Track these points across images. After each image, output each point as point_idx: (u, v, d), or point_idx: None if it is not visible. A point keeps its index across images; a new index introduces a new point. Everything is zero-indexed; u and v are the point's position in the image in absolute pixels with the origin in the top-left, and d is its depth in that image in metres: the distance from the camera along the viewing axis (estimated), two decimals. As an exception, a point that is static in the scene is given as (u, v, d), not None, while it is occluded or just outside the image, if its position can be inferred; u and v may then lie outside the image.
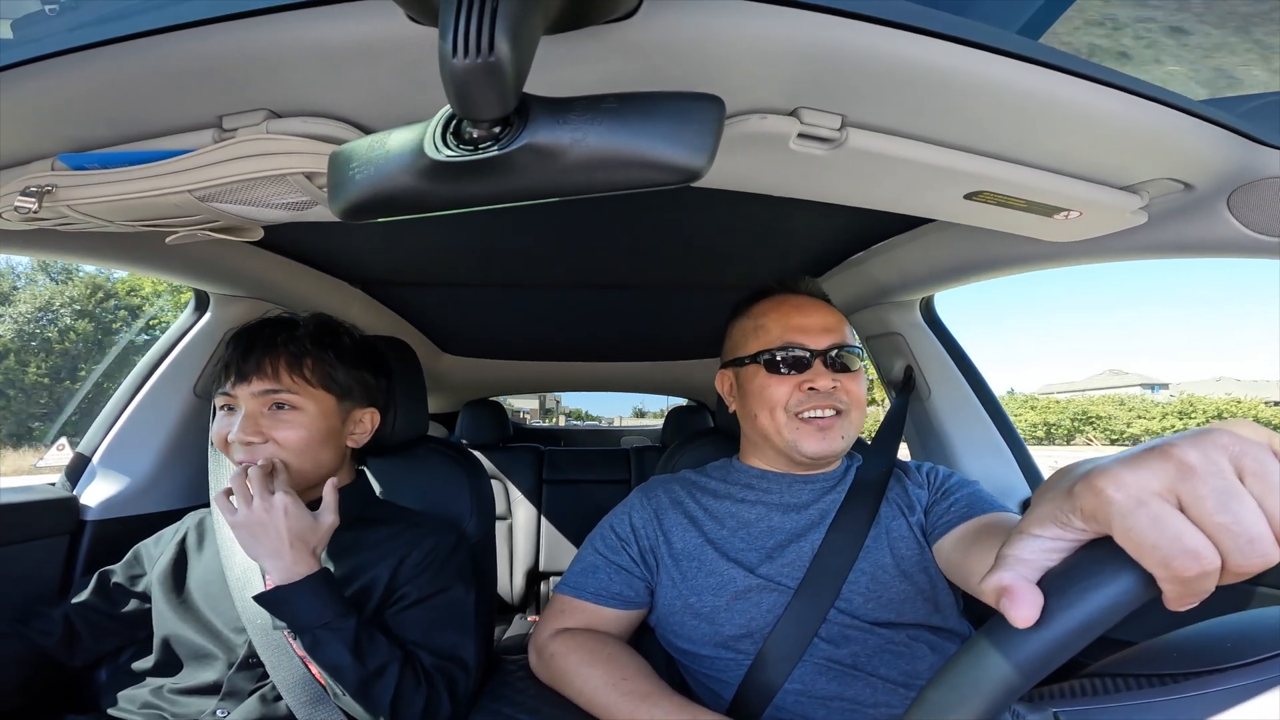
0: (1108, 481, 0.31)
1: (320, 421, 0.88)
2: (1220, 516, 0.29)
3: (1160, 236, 0.77)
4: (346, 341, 0.95)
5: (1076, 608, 0.31)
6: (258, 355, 0.86)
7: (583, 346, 2.22)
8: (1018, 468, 1.29)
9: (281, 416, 0.85)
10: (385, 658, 0.75)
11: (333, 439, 0.91)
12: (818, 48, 0.49)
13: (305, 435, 0.86)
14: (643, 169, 0.37)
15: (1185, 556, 0.29)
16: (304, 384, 0.87)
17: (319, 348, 0.90)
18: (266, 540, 0.75)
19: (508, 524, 2.32)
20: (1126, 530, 0.30)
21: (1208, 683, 0.35)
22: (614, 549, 0.93)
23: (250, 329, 0.90)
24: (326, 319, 0.96)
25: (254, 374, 0.85)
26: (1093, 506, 0.32)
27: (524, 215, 1.06)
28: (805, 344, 0.88)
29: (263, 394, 0.85)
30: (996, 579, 0.34)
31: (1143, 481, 0.31)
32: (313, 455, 0.87)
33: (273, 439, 0.84)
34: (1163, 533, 0.29)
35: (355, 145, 0.44)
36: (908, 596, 0.83)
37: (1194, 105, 0.56)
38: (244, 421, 0.83)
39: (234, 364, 0.86)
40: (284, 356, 0.87)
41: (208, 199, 0.64)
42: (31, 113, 0.57)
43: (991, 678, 0.32)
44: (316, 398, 0.88)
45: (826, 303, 0.96)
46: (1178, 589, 0.30)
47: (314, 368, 0.88)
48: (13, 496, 0.99)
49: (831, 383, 0.87)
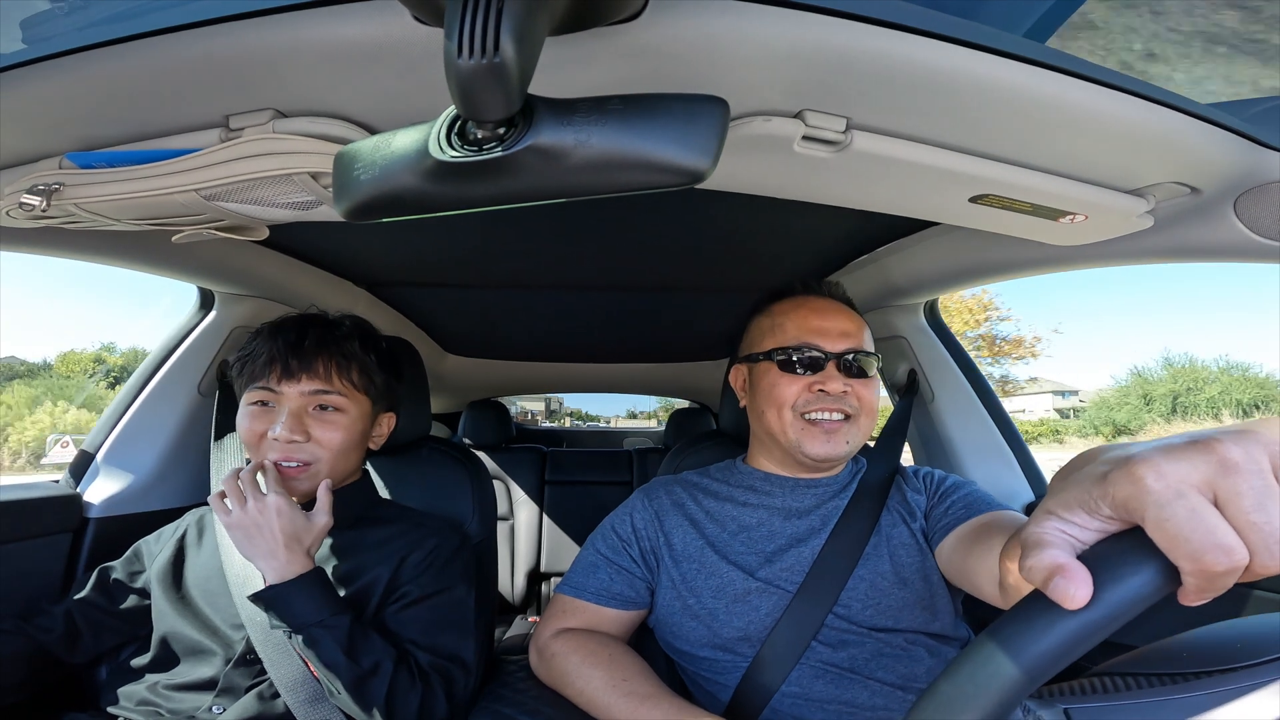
0: (1148, 470, 0.31)
1: (359, 424, 0.89)
2: (1255, 515, 0.29)
3: (1166, 241, 0.77)
4: (383, 345, 0.97)
5: (1112, 592, 0.30)
6: (309, 354, 0.86)
7: (586, 348, 2.22)
8: (1021, 471, 1.28)
9: (326, 418, 0.86)
10: (379, 656, 0.75)
11: (363, 442, 0.92)
12: (822, 50, 0.48)
13: (345, 437, 0.87)
14: (647, 171, 0.37)
15: (1218, 551, 0.29)
16: (350, 387, 0.88)
17: (364, 352, 0.91)
18: (261, 541, 0.75)
19: (509, 524, 2.32)
20: (1162, 521, 0.30)
21: (1219, 681, 0.34)
22: (615, 549, 0.93)
23: (293, 326, 0.90)
24: (364, 322, 0.98)
25: (304, 372, 0.85)
26: (1127, 494, 0.31)
27: (528, 216, 1.06)
28: (820, 345, 0.88)
29: (312, 393, 0.85)
30: (1050, 557, 0.32)
31: (1182, 473, 0.30)
32: (346, 458, 0.89)
33: (315, 439, 0.84)
34: (1197, 526, 0.29)
35: (360, 145, 0.44)
36: (905, 604, 0.82)
37: (1201, 109, 0.56)
38: (290, 420, 0.83)
39: (281, 359, 0.85)
40: (336, 358, 0.87)
41: (214, 198, 0.64)
42: (39, 111, 0.58)
43: (1007, 671, 0.31)
44: (358, 401, 0.89)
45: (849, 307, 0.95)
46: (1201, 583, 0.30)
47: (360, 372, 0.89)
48: (16, 493, 0.99)
49: (843, 387, 0.87)
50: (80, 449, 1.15)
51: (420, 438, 1.15)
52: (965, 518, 0.83)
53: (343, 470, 0.89)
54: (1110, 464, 0.33)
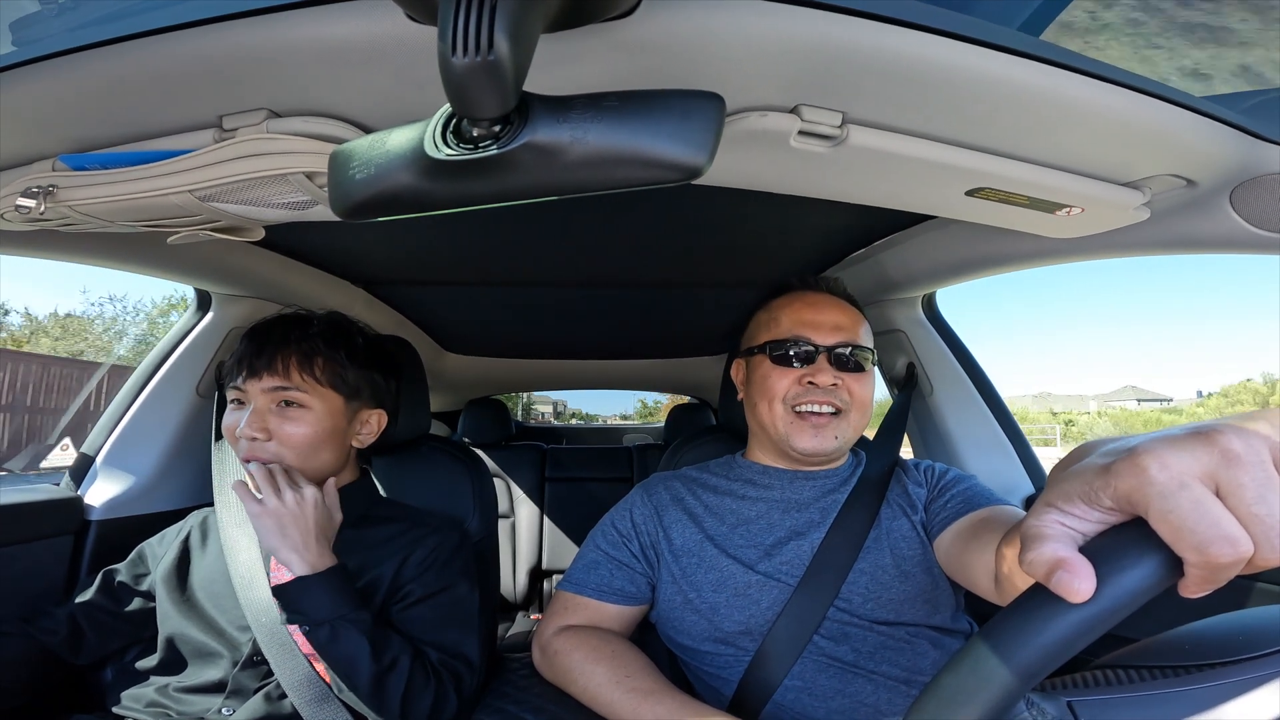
0: (1152, 460, 0.31)
1: (326, 421, 0.88)
2: (1257, 507, 0.29)
3: (1162, 233, 0.77)
4: (359, 341, 0.95)
5: (1114, 585, 0.30)
6: (270, 352, 0.86)
7: (585, 344, 2.22)
8: (1020, 465, 1.29)
9: (288, 414, 0.86)
10: (397, 653, 0.76)
11: (337, 439, 0.91)
12: (818, 45, 0.48)
13: (310, 433, 0.86)
14: (643, 167, 0.37)
15: (1223, 542, 0.29)
16: (313, 383, 0.88)
17: (330, 347, 0.90)
18: (295, 532, 0.76)
19: (510, 522, 2.33)
20: (1166, 512, 0.30)
21: (1222, 674, 0.34)
22: (615, 545, 0.93)
23: (264, 326, 0.91)
24: (340, 317, 0.97)
25: (265, 370, 0.85)
26: (1130, 485, 0.31)
27: (525, 214, 1.06)
28: (812, 338, 0.89)
29: (272, 390, 0.85)
30: (1051, 551, 0.32)
31: (1185, 464, 0.30)
32: (315, 454, 0.87)
33: (277, 436, 0.84)
34: (1203, 517, 0.29)
35: (355, 144, 0.44)
36: (907, 597, 0.83)
37: (1197, 101, 0.56)
38: (251, 417, 0.83)
39: (246, 359, 0.86)
40: (295, 354, 0.87)
41: (209, 199, 0.64)
42: (32, 113, 0.57)
43: (1011, 664, 0.31)
44: (325, 397, 0.88)
45: (846, 301, 0.96)
46: (1204, 574, 0.30)
47: (324, 367, 0.89)
48: (17, 496, 0.99)
49: (833, 380, 0.87)
50: (80, 451, 1.15)
51: (420, 436, 1.15)
52: (964, 512, 0.83)
53: (315, 468, 0.88)
54: (1112, 455, 0.33)
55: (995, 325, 71.67)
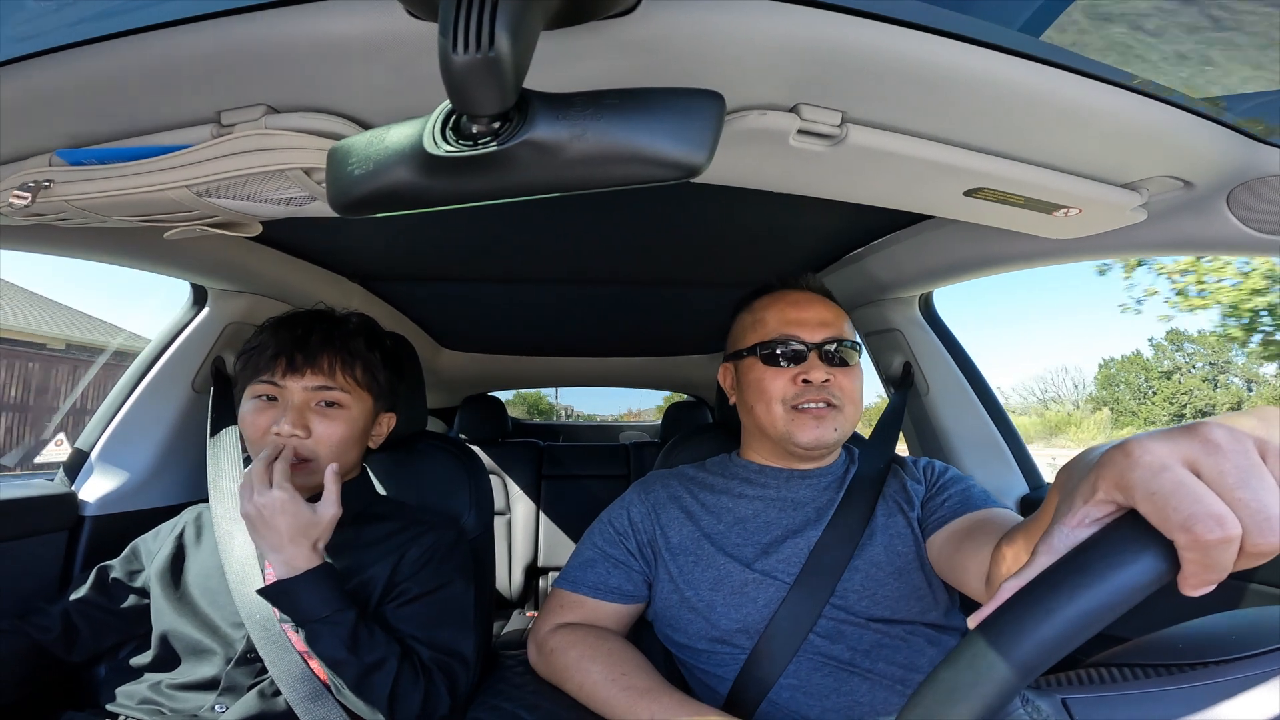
0: (1136, 446, 0.33)
1: (360, 422, 0.89)
2: (1240, 491, 0.30)
3: (1159, 234, 0.77)
4: (387, 344, 0.96)
5: (1109, 580, 0.31)
6: (314, 349, 0.86)
7: (581, 342, 2.22)
8: (1015, 465, 1.29)
9: (328, 414, 0.86)
10: (383, 653, 0.75)
11: (363, 440, 0.92)
12: (818, 44, 0.48)
13: (346, 434, 0.87)
14: (642, 165, 0.37)
15: (1209, 519, 0.30)
16: (354, 384, 0.88)
17: (370, 349, 0.91)
18: (269, 534, 0.75)
19: (506, 519, 2.32)
20: (1150, 494, 0.31)
21: (1216, 673, 0.35)
22: (612, 543, 0.93)
23: (299, 320, 0.90)
24: (370, 320, 0.97)
25: (309, 367, 0.85)
26: (1118, 471, 0.33)
27: (523, 210, 1.06)
28: (800, 337, 0.89)
29: (316, 389, 0.85)
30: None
31: (1168, 450, 0.32)
32: (346, 455, 0.88)
33: (316, 435, 0.84)
34: (1185, 495, 0.30)
35: (354, 141, 0.44)
36: (902, 594, 0.83)
37: (1194, 103, 0.56)
38: (293, 414, 0.83)
39: (286, 354, 0.85)
40: (341, 354, 0.87)
41: (206, 194, 0.64)
42: (29, 108, 0.57)
43: (1007, 659, 0.31)
44: (361, 398, 0.89)
45: (827, 298, 0.96)
46: (1198, 558, 0.30)
47: (364, 369, 0.89)
48: (11, 492, 0.98)
49: (825, 375, 0.87)
50: (75, 447, 1.14)
51: (416, 433, 1.15)
52: (960, 512, 0.83)
53: (342, 467, 0.88)
54: (1106, 451, 0.35)
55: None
